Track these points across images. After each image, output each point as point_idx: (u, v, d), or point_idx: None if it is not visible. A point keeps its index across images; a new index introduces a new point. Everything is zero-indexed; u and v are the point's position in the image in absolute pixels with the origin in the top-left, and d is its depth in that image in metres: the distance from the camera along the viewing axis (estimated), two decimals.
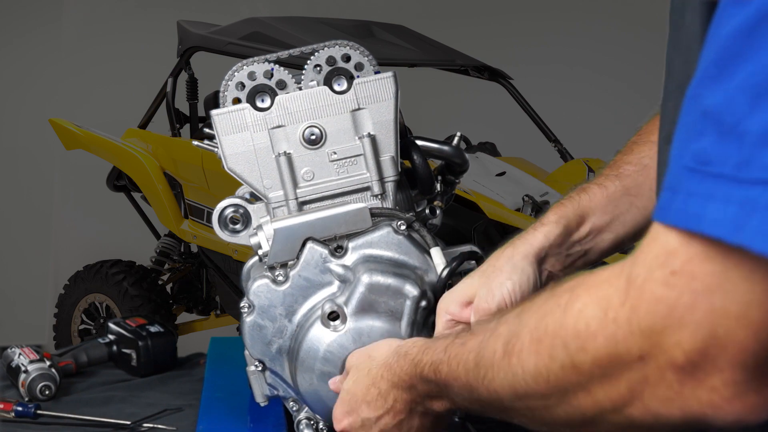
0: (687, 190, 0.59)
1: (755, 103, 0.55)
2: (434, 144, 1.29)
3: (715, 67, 0.58)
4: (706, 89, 0.59)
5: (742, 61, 0.57)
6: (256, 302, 1.16)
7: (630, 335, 0.62)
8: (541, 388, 0.71)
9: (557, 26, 5.47)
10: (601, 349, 0.64)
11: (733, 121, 0.56)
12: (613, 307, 0.63)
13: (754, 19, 0.56)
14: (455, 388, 0.85)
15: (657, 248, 0.61)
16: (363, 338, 1.12)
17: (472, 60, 3.96)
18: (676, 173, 0.60)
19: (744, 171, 0.56)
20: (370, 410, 0.98)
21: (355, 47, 1.23)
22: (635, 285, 0.62)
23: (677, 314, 0.59)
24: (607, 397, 0.66)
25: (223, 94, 1.22)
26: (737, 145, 0.56)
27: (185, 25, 3.91)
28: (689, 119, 0.60)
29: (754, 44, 0.56)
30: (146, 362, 1.70)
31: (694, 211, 0.58)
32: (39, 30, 5.39)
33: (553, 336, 0.68)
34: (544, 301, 0.72)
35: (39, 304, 5.14)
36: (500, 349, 0.75)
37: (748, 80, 0.56)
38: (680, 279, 0.59)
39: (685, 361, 0.60)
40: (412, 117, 1.40)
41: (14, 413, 1.46)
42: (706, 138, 0.58)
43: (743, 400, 0.60)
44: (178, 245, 4.03)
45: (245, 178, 1.20)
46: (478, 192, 3.29)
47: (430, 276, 1.16)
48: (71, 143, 4.05)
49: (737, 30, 0.57)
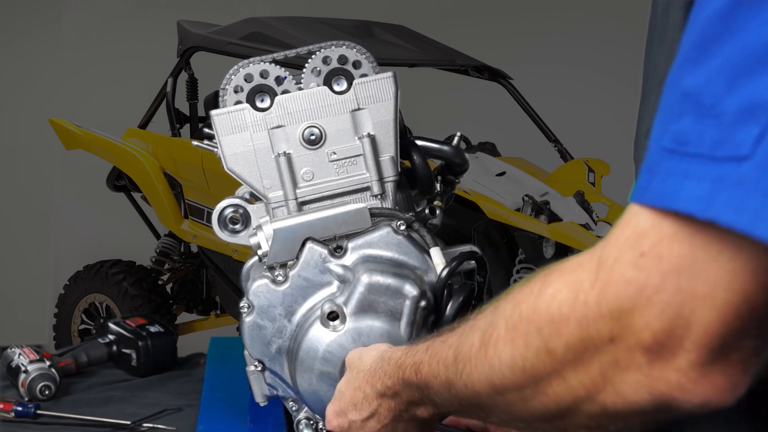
0: (665, 171, 0.59)
1: (732, 83, 0.56)
2: (434, 144, 1.29)
3: (695, 49, 0.59)
4: (686, 71, 0.59)
5: (720, 42, 0.57)
6: (256, 302, 1.17)
7: (600, 317, 0.63)
8: (518, 378, 0.71)
9: (557, 26, 5.46)
10: (573, 332, 0.65)
11: (712, 101, 0.57)
12: (584, 290, 0.64)
13: (732, 1, 0.57)
14: (435, 387, 0.85)
15: (629, 230, 0.61)
16: (362, 338, 1.12)
17: (472, 60, 3.96)
18: (654, 155, 0.61)
19: (718, 149, 0.56)
20: (357, 413, 0.98)
21: (355, 47, 1.23)
22: (605, 267, 0.62)
23: (645, 295, 0.60)
24: (580, 383, 0.66)
25: (223, 94, 1.22)
26: (714, 125, 0.57)
27: (185, 25, 3.90)
28: (669, 101, 0.61)
29: (733, 25, 0.57)
30: (146, 362, 1.71)
31: (671, 190, 0.58)
32: (39, 30, 5.39)
33: (528, 322, 0.69)
34: (519, 290, 0.72)
35: (39, 304, 5.14)
36: (477, 340, 0.76)
37: (726, 61, 0.57)
38: (649, 260, 0.60)
39: (652, 342, 0.60)
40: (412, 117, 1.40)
41: (14, 413, 1.46)
42: (685, 119, 0.59)
43: (710, 381, 0.60)
44: (178, 245, 4.03)
45: (245, 178, 1.20)
46: (478, 192, 3.29)
47: (430, 276, 1.16)
48: (71, 143, 4.05)
49: (716, 12, 0.58)
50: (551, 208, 3.24)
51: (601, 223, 3.35)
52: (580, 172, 3.65)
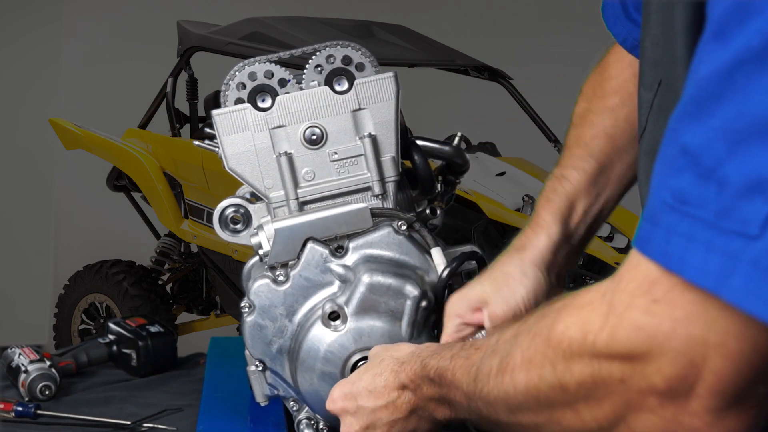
0: (667, 227, 0.59)
1: (732, 149, 0.56)
2: (435, 144, 1.29)
3: (694, 105, 0.59)
4: (685, 126, 0.59)
5: (720, 103, 0.57)
6: (257, 302, 1.16)
7: (610, 359, 0.63)
8: (532, 404, 0.72)
9: (557, 26, 5.47)
10: (585, 370, 0.66)
11: (711, 165, 0.57)
12: (593, 331, 0.64)
13: (734, 61, 0.56)
14: (456, 397, 0.86)
15: (640, 276, 0.62)
16: (363, 338, 1.12)
17: (472, 60, 3.96)
18: (656, 206, 0.61)
19: (724, 221, 0.56)
20: (370, 399, 0.98)
21: (355, 47, 1.23)
22: (616, 312, 0.63)
23: (657, 341, 0.60)
24: (593, 419, 0.67)
25: (224, 94, 1.22)
26: (716, 190, 0.57)
27: (185, 25, 3.91)
28: (669, 152, 0.61)
29: (733, 87, 0.56)
30: (146, 362, 1.70)
31: (675, 252, 0.59)
32: (39, 30, 5.39)
33: (542, 356, 0.70)
34: (536, 322, 0.73)
35: (39, 304, 5.14)
36: (495, 366, 0.77)
37: (726, 124, 0.56)
38: (661, 307, 0.60)
39: (665, 387, 0.61)
40: (412, 117, 1.40)
41: (14, 413, 1.46)
42: (684, 177, 0.59)
43: (723, 425, 0.61)
44: (178, 245, 4.03)
45: (246, 178, 1.20)
46: (478, 192, 3.29)
47: (431, 276, 1.16)
48: (71, 143, 4.05)
49: (717, 70, 0.57)
50: None
51: None
52: None
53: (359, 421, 0.99)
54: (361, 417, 0.99)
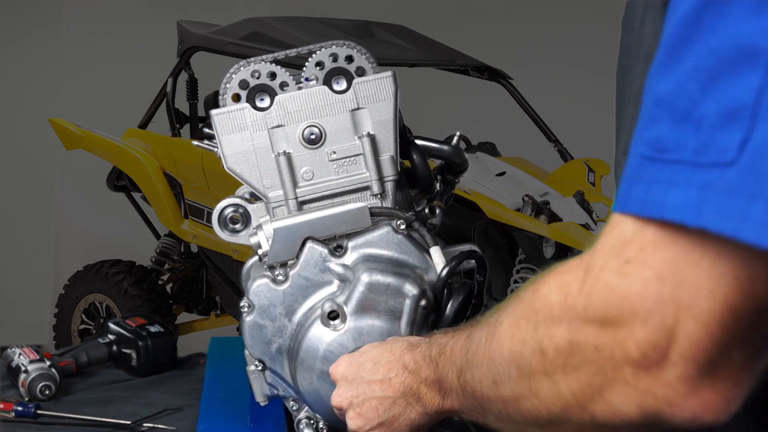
0: (648, 179, 0.59)
1: (707, 86, 0.56)
2: (434, 144, 1.29)
3: (667, 54, 0.59)
4: (658, 77, 0.59)
5: (690, 45, 0.57)
6: (256, 302, 1.16)
7: (586, 323, 0.63)
8: (513, 372, 0.72)
9: (557, 26, 5.46)
10: (563, 335, 0.65)
11: (687, 106, 0.57)
12: (572, 294, 0.64)
13: (699, 3, 0.57)
14: (450, 373, 0.86)
15: (614, 237, 0.61)
16: (363, 337, 1.12)
17: (472, 60, 3.96)
18: (634, 164, 0.61)
19: (702, 155, 0.56)
20: (371, 371, 0.98)
21: (354, 47, 1.23)
22: (592, 273, 0.63)
23: (628, 303, 0.60)
24: (569, 390, 0.66)
25: (223, 94, 1.22)
26: (694, 130, 0.57)
27: (185, 25, 3.91)
28: (644, 109, 0.61)
29: (701, 27, 0.57)
30: (146, 362, 1.70)
31: (656, 198, 0.58)
32: (39, 30, 5.39)
33: (526, 320, 0.70)
34: (524, 289, 0.73)
35: (39, 304, 5.14)
36: (485, 334, 0.77)
37: (698, 64, 0.57)
38: (633, 267, 0.60)
39: (638, 355, 0.60)
40: (412, 117, 1.39)
41: (14, 413, 1.46)
42: (660, 125, 0.59)
43: (699, 396, 0.60)
44: (178, 245, 4.03)
45: (245, 177, 1.20)
46: (478, 192, 3.29)
47: (430, 275, 1.16)
48: (71, 143, 4.05)
49: (684, 15, 0.58)
50: (551, 208, 3.24)
51: (601, 223, 3.35)
52: (580, 172, 3.65)
53: (351, 390, 1.00)
54: (355, 386, 1.00)
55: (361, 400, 0.98)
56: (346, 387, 1.01)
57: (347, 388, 1.01)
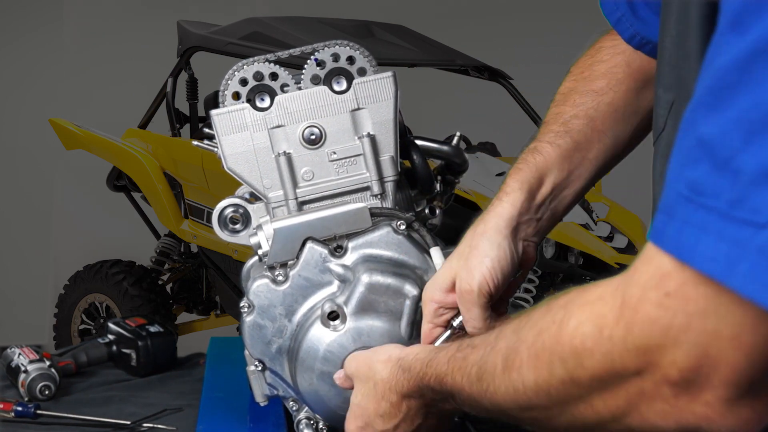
0: (682, 218, 0.59)
1: (749, 139, 0.56)
2: (434, 144, 1.29)
3: (711, 95, 0.59)
4: (702, 116, 0.59)
5: (737, 93, 0.57)
6: (256, 302, 1.16)
7: (626, 352, 0.63)
8: (542, 400, 0.72)
9: (557, 26, 5.46)
10: (598, 365, 0.66)
11: (727, 155, 0.57)
12: (609, 326, 0.65)
13: (751, 51, 0.56)
14: (461, 397, 0.86)
15: (652, 269, 0.62)
16: (363, 338, 1.12)
17: (472, 60, 3.96)
18: (671, 198, 0.61)
19: (737, 210, 0.56)
20: (385, 422, 0.98)
21: (355, 47, 1.23)
22: (629, 305, 0.63)
23: (672, 334, 0.60)
24: (606, 408, 0.67)
25: (223, 94, 1.22)
26: (730, 180, 0.57)
27: (185, 25, 3.91)
28: (685, 144, 0.61)
29: (751, 77, 0.56)
30: (146, 362, 1.70)
31: (688, 242, 0.59)
32: (39, 30, 5.39)
33: (551, 352, 0.70)
34: (540, 317, 0.73)
35: (39, 304, 5.14)
36: (500, 363, 0.77)
37: (743, 115, 0.56)
38: (674, 301, 0.60)
39: (679, 378, 0.61)
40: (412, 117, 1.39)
41: (14, 413, 1.46)
42: (700, 167, 0.59)
43: (736, 414, 0.61)
44: (178, 245, 4.03)
45: (245, 177, 1.20)
46: (478, 192, 3.29)
47: (430, 276, 1.16)
48: (71, 143, 4.05)
49: (734, 60, 0.57)
50: None
51: (601, 223, 3.35)
52: None
53: None
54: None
55: None
56: None
57: None
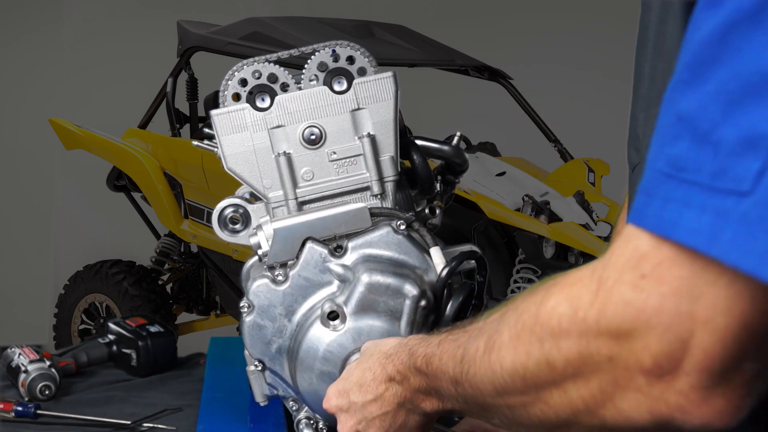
0: (664, 196, 0.59)
1: (728, 110, 0.56)
2: (434, 144, 1.29)
3: (689, 71, 0.59)
4: (681, 93, 0.59)
5: (714, 66, 0.57)
6: (256, 302, 1.16)
7: (599, 335, 0.63)
8: (518, 384, 0.72)
9: (557, 26, 5.47)
10: (573, 348, 0.65)
11: (707, 127, 0.57)
12: (584, 307, 0.64)
13: (726, 24, 0.56)
14: (443, 382, 0.85)
15: (629, 251, 0.61)
16: (362, 338, 1.12)
17: (472, 60, 3.96)
18: (651, 177, 0.61)
19: (718, 180, 0.56)
20: (360, 394, 0.98)
21: (355, 47, 1.23)
22: (605, 286, 0.62)
23: (644, 317, 0.60)
24: (579, 397, 0.66)
25: (223, 94, 1.22)
26: (712, 152, 0.57)
27: (185, 25, 3.91)
28: (664, 123, 0.61)
29: (727, 49, 0.56)
30: (146, 362, 1.70)
31: (670, 218, 0.58)
32: (39, 30, 5.39)
33: (530, 332, 0.69)
34: (523, 300, 0.72)
35: (39, 304, 5.14)
36: (482, 345, 0.76)
37: (721, 86, 0.56)
38: (649, 282, 0.60)
39: (652, 365, 0.60)
40: (412, 117, 1.39)
41: (14, 413, 1.46)
42: (680, 143, 0.58)
43: (710, 404, 0.60)
44: (178, 245, 4.03)
45: (245, 178, 1.20)
46: (478, 192, 3.29)
47: (430, 275, 1.16)
48: (71, 143, 4.05)
49: (710, 34, 0.57)
50: (551, 208, 3.24)
51: (601, 223, 3.35)
52: (580, 172, 3.65)
53: (352, 417, 0.99)
54: (353, 413, 0.99)
55: (366, 424, 0.98)
56: (345, 417, 1.01)
57: (348, 418, 1.00)
